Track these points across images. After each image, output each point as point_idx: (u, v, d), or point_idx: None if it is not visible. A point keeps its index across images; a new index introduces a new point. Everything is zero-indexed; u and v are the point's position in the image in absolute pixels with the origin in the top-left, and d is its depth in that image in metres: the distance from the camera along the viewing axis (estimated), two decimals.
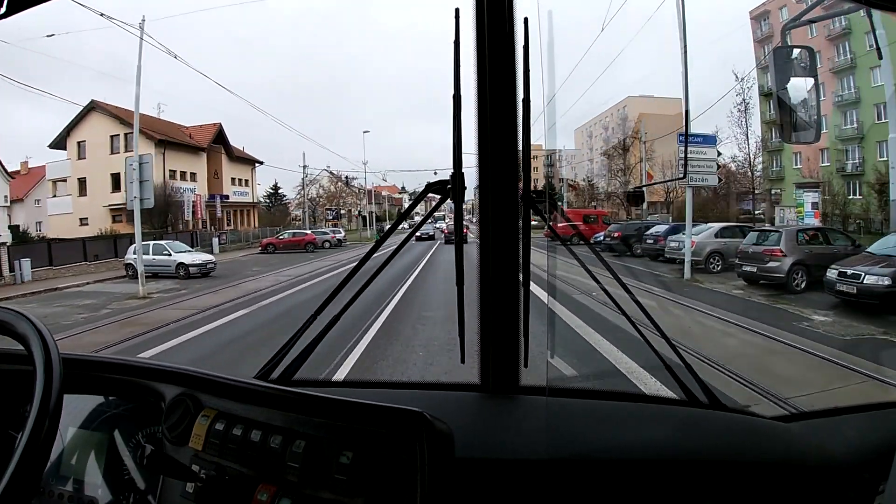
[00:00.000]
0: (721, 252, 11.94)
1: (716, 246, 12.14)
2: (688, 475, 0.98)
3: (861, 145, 15.50)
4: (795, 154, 16.99)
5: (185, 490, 0.94)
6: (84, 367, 1.12)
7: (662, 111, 20.42)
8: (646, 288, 9.16)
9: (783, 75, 1.33)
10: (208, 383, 1.03)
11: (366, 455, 0.85)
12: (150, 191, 12.57)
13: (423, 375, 5.26)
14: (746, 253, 10.23)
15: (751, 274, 9.97)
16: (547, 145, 25.02)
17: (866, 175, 15.05)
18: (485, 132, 1.13)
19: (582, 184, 26.99)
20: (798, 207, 14.54)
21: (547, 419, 1.08)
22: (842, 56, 15.45)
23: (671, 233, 13.85)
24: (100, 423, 1.12)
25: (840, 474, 0.99)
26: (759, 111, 17.40)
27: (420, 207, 1.38)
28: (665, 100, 21.11)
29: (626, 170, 23.99)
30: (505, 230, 1.16)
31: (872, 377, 4.38)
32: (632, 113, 24.10)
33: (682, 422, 1.12)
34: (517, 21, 1.12)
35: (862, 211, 14.74)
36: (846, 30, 15.03)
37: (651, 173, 21.48)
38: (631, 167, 23.75)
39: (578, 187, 26.93)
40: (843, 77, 15.70)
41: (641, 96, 23.53)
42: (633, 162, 23.54)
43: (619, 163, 24.42)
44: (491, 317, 1.19)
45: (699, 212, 19.61)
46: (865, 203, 14.73)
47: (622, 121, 24.97)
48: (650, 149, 21.18)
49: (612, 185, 25.04)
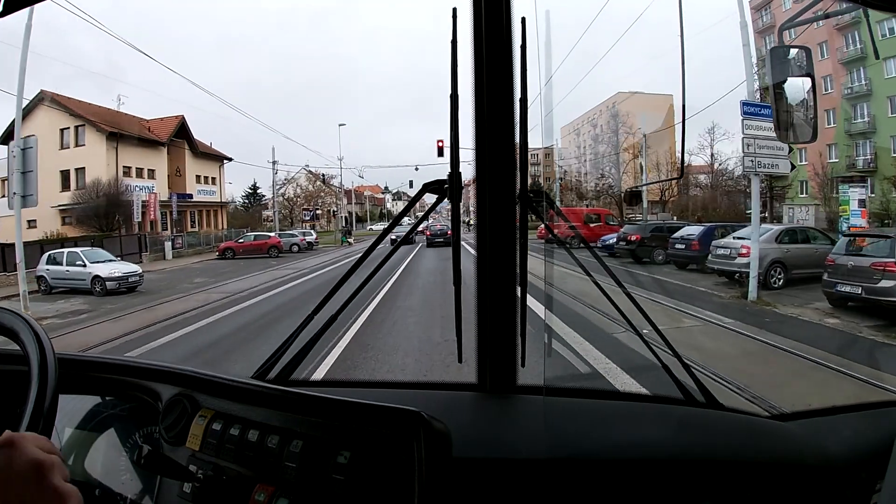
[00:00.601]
0: (783, 262, 9.83)
1: (777, 254, 9.93)
2: (686, 474, 1.04)
3: (873, 140, 15.34)
4: (800, 150, 16.41)
5: (182, 490, 0.98)
6: (80, 368, 1.17)
7: (655, 106, 20.53)
8: (692, 312, 7.57)
9: (780, 75, 1.42)
10: (205, 383, 1.09)
11: (363, 455, 0.89)
12: (33, 186, 10.63)
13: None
14: (843, 267, 7.80)
15: (851, 296, 7.60)
16: (542, 143, 24.84)
17: (879, 171, 14.82)
18: (482, 132, 1.20)
19: (575, 181, 26.85)
20: (842, 206, 12.88)
21: (544, 419, 1.14)
22: (851, 47, 15.38)
23: (708, 236, 11.77)
24: (97, 424, 1.17)
25: (837, 473, 1.05)
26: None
27: (391, 205, 1.43)
28: (655, 96, 21.30)
29: (622, 166, 23.85)
30: (502, 229, 1.23)
31: None
32: (622, 109, 24.07)
33: (679, 421, 1.18)
34: (514, 21, 1.19)
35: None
36: (856, 18, 15.10)
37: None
38: (626, 163, 23.64)
39: (569, 186, 26.79)
40: (853, 69, 15.64)
41: (631, 92, 23.48)
42: (627, 158, 23.41)
43: (615, 159, 24.26)
44: (488, 316, 1.26)
45: (701, 212, 19.11)
46: (885, 201, 14.22)
47: (612, 117, 24.86)
48: (646, 144, 21.14)
49: (605, 182, 24.91)
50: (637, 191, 21.59)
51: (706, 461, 1.06)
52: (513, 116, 1.20)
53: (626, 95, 23.57)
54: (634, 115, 22.81)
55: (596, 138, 26.29)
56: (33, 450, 0.61)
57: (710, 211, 19.23)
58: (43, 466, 0.60)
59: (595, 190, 25.40)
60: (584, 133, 27.29)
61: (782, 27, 2.25)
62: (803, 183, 17.10)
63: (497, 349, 1.26)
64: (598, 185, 25.34)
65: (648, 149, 20.94)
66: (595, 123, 26.50)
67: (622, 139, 23.93)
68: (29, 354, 0.82)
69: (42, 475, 0.60)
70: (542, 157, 27.02)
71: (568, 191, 26.48)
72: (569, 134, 28.01)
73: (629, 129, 23.37)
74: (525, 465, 1.02)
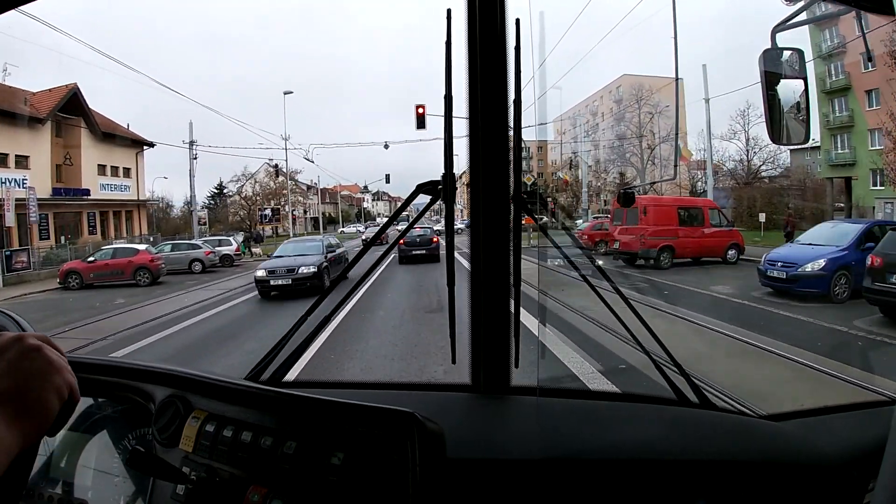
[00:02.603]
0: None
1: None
2: (679, 474, 1.04)
3: None
4: (873, 131, 14.03)
5: (175, 492, 0.98)
6: (73, 369, 1.15)
7: (666, 92, 18.72)
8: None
9: (773, 77, 1.43)
10: (198, 384, 1.08)
11: (357, 456, 0.89)
12: None
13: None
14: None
15: None
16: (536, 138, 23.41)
17: None
18: (476, 133, 1.21)
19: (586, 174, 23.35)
20: None
21: (538, 419, 1.15)
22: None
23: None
24: (89, 425, 1.17)
25: (830, 472, 1.05)
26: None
27: (371, 205, 1.42)
28: (661, 78, 19.53)
29: (645, 152, 20.57)
30: (495, 230, 1.23)
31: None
32: (628, 94, 21.86)
33: (673, 421, 1.18)
34: (509, 22, 1.20)
35: None
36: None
37: (686, 155, 19.00)
38: (653, 148, 20.50)
39: (570, 183, 23.95)
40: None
41: (638, 75, 21.35)
42: (651, 142, 20.35)
43: (636, 145, 20.96)
44: (482, 317, 1.26)
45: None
46: None
47: (616, 102, 22.82)
48: (677, 123, 18.61)
49: (626, 174, 21.78)
50: (630, 191, 20.60)
51: (700, 461, 1.06)
52: (506, 117, 1.21)
53: (632, 78, 21.57)
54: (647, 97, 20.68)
55: (595, 128, 23.98)
56: (32, 338, 0.66)
57: (781, 209, 16.18)
58: (41, 348, 0.65)
59: (621, 184, 22.39)
60: (579, 124, 25.07)
61: (775, 29, 2.29)
62: (878, 172, 14.18)
63: (491, 350, 1.26)
64: (612, 179, 22.19)
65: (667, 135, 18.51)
66: (595, 111, 24.53)
67: (644, 120, 21.14)
68: None
69: (40, 351, 0.65)
70: (534, 151, 25.25)
71: (569, 189, 23.82)
72: (562, 126, 26.14)
73: (653, 108, 20.49)
74: (519, 466, 1.02)
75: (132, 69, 20.05)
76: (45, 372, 0.64)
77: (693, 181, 20.37)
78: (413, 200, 1.35)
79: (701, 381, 1.16)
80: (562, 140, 26.17)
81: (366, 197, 35.56)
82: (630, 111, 22.20)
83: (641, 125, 21.69)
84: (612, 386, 4.77)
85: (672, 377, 1.27)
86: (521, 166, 1.26)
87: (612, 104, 23.85)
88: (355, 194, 35.11)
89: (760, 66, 1.40)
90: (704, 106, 17.75)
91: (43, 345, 0.66)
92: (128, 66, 28.69)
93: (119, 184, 20.07)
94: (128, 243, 17.40)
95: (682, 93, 18.58)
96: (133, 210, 20.98)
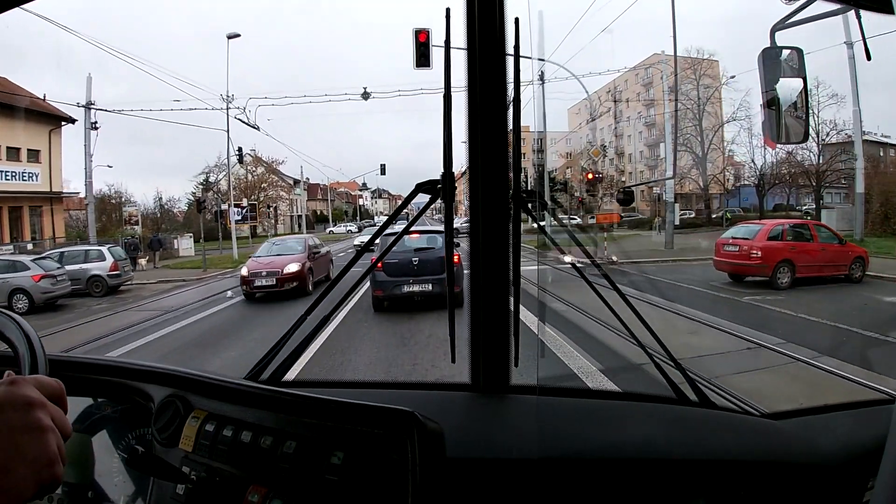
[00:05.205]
0: None
1: None
2: (679, 473, 1.04)
3: None
4: None
5: (175, 492, 0.98)
6: (72, 369, 1.16)
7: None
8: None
9: (772, 76, 1.43)
10: (198, 384, 1.08)
11: (357, 455, 0.89)
12: None
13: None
14: None
15: None
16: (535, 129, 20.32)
17: None
18: (475, 132, 1.20)
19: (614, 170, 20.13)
20: None
21: (538, 418, 1.14)
22: None
23: None
24: (89, 426, 1.16)
25: (830, 471, 1.05)
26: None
27: (370, 203, 1.39)
28: (697, 60, 17.22)
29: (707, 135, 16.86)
30: (495, 229, 1.23)
31: None
32: (657, 76, 18.70)
33: (672, 420, 1.18)
34: (508, 21, 1.19)
35: None
36: None
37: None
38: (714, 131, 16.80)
39: (596, 177, 20.49)
40: None
41: (671, 55, 17.76)
42: (711, 125, 16.77)
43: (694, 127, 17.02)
44: (481, 316, 1.26)
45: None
46: None
47: (645, 86, 19.92)
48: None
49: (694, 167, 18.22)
50: (629, 189, 19.63)
51: (699, 460, 1.06)
52: (506, 117, 1.21)
53: (666, 57, 18.06)
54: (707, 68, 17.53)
55: (619, 115, 20.80)
56: (29, 388, 0.60)
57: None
58: (33, 404, 0.59)
59: (614, 189, 19.66)
60: (599, 112, 21.48)
61: (774, 28, 2.29)
62: None
63: (490, 349, 1.26)
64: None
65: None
66: (618, 95, 20.70)
67: (704, 95, 17.41)
68: (19, 356, 0.80)
69: (29, 410, 0.58)
70: (545, 144, 22.42)
71: (595, 185, 20.54)
72: (579, 116, 23.31)
73: (714, 79, 16.90)
74: (519, 465, 1.02)
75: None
76: (27, 442, 0.56)
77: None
78: (413, 200, 1.35)
79: (701, 379, 1.16)
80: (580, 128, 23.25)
81: (364, 194, 34.59)
82: (687, 82, 18.10)
83: (700, 102, 18.07)
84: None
85: (672, 375, 1.27)
86: (521, 165, 1.26)
87: (641, 86, 20.98)
88: (353, 191, 34.12)
89: (759, 65, 1.40)
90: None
91: (36, 399, 0.58)
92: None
93: (22, 171, 14.98)
94: (12, 254, 12.88)
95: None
96: (42, 206, 15.85)
